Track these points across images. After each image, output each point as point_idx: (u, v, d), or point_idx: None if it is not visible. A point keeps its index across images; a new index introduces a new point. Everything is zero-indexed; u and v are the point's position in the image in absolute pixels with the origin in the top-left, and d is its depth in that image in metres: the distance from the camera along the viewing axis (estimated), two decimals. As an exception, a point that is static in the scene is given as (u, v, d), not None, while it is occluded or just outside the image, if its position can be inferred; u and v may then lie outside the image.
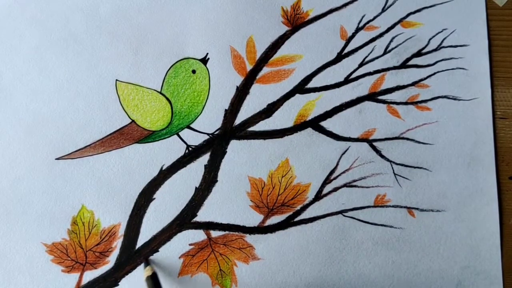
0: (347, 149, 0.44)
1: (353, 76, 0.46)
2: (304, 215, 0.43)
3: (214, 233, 0.43)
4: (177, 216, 0.43)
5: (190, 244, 0.43)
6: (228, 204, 0.43)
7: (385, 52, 0.46)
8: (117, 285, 0.42)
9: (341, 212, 0.43)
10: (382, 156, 0.44)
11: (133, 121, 0.44)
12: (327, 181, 0.44)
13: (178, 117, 0.44)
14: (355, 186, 0.44)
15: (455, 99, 0.45)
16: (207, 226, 0.43)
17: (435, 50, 0.46)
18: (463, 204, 0.43)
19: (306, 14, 0.46)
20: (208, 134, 0.44)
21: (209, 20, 0.46)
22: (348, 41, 0.46)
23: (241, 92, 0.45)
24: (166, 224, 0.43)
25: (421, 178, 0.44)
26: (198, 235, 0.43)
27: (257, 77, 0.45)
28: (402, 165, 0.44)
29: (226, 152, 0.44)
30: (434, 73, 0.46)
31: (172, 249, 0.42)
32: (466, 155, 0.44)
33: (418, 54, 0.46)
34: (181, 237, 0.43)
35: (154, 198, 0.43)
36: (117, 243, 0.42)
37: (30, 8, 0.45)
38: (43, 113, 0.44)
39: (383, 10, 0.46)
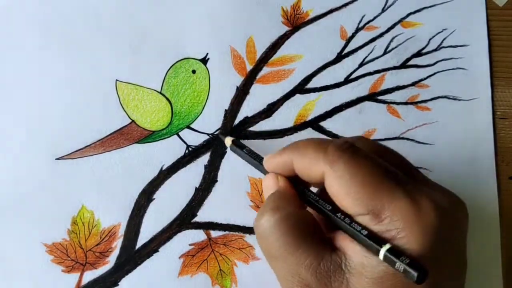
0: (347, 149, 0.44)
1: (353, 76, 0.46)
2: (304, 215, 0.43)
3: (214, 233, 0.43)
4: (177, 216, 0.43)
5: (190, 244, 0.43)
6: (228, 204, 0.43)
7: (385, 52, 0.46)
8: (117, 285, 0.42)
9: (341, 212, 0.43)
10: (382, 156, 0.44)
11: (133, 121, 0.44)
12: (327, 181, 0.44)
13: (178, 117, 0.44)
14: (355, 186, 0.44)
15: (455, 99, 0.45)
16: (207, 226, 0.43)
17: (435, 50, 0.46)
18: (463, 204, 0.43)
19: (306, 14, 0.46)
20: (208, 134, 0.44)
21: (209, 20, 0.46)
22: (348, 41, 0.46)
23: (241, 92, 0.45)
24: (166, 224, 0.43)
25: (421, 178, 0.44)
26: (198, 235, 0.43)
27: (257, 77, 0.45)
28: (402, 165, 0.44)
29: (226, 152, 0.44)
30: (434, 73, 0.46)
31: (172, 249, 0.42)
32: (466, 155, 0.44)
33: (418, 54, 0.46)
34: (181, 237, 0.43)
35: (154, 198, 0.43)
36: (117, 243, 0.42)
37: (30, 8, 0.45)
38: (43, 113, 0.44)
39: (383, 10, 0.46)
